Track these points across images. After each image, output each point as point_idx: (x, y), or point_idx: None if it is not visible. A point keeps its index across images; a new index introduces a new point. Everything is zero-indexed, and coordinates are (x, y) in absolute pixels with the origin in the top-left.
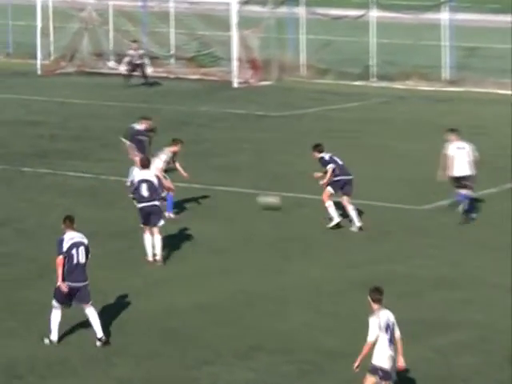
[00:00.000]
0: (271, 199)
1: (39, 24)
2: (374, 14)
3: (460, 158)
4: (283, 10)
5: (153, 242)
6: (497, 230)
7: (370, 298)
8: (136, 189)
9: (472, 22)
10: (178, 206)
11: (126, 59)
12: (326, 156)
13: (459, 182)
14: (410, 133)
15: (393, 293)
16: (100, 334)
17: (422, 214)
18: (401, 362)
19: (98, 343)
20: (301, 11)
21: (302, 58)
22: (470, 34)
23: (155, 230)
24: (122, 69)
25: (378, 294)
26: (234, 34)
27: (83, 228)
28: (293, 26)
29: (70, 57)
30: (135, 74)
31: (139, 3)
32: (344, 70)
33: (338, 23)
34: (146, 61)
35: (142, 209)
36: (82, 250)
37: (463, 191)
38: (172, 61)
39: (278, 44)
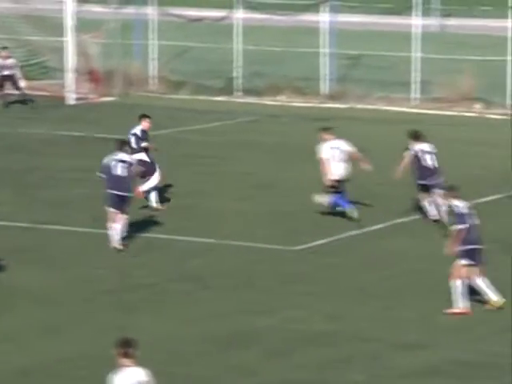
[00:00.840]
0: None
1: None
2: (239, 15)
3: (335, 158)
4: (129, 10)
5: None
6: (382, 273)
7: (116, 352)
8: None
9: (357, 25)
10: None
11: None
12: None
13: (338, 186)
14: (281, 158)
15: (258, 350)
16: None
17: (293, 256)
18: None
19: None
20: (151, 12)
21: (152, 68)
22: (354, 39)
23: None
24: None
25: (126, 347)
26: (70, 40)
27: None
28: (141, 29)
29: None
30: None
31: None
32: (203, 83)
33: (195, 26)
34: (18, 72)
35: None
36: None
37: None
38: None
39: (123, 52)
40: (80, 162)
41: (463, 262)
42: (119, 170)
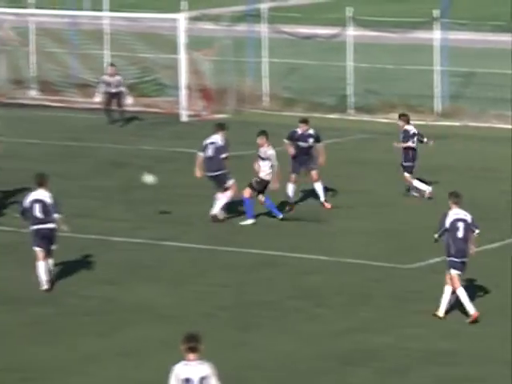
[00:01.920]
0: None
1: None
2: (352, 32)
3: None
4: (241, 28)
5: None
6: (504, 291)
7: (182, 347)
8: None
9: (467, 43)
10: (117, 265)
11: (102, 89)
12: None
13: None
14: (396, 176)
15: (375, 368)
16: None
17: (409, 274)
18: None
19: None
20: (263, 29)
21: (265, 85)
22: (465, 56)
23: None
24: (98, 100)
25: (189, 343)
26: (182, 57)
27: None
28: (253, 47)
29: None
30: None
31: (66, 19)
32: (316, 101)
33: (308, 44)
34: (124, 89)
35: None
36: None
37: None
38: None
39: (236, 69)
40: (193, 179)
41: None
42: (210, 151)
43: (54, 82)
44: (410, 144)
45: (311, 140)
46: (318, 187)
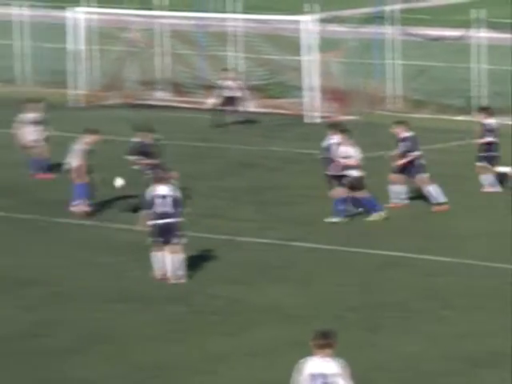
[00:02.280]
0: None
1: (73, 46)
2: (479, 34)
3: None
4: (369, 29)
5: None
6: None
7: (311, 343)
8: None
9: None
10: (244, 265)
11: (217, 91)
12: None
13: None
14: None
15: (504, 371)
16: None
17: None
18: None
19: None
20: (390, 31)
21: (392, 87)
22: None
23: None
24: (210, 102)
25: (321, 339)
26: (311, 59)
27: (131, 292)
28: (380, 49)
29: (112, 86)
30: (226, 108)
31: (195, 21)
32: (443, 102)
33: (436, 45)
34: (245, 93)
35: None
36: None
37: None
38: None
39: (364, 71)
40: (319, 181)
41: None
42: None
43: (182, 84)
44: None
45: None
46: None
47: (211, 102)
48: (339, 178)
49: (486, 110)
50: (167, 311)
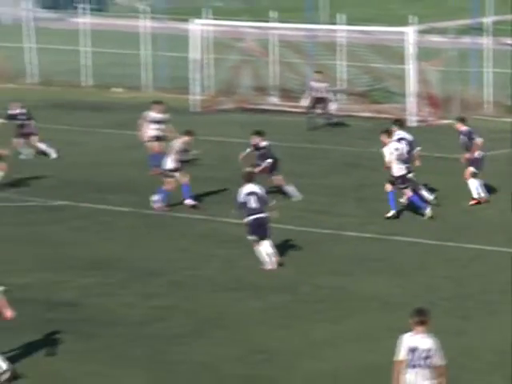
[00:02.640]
0: None
1: (194, 56)
2: None
3: None
4: (466, 40)
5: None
6: None
7: (410, 320)
8: (244, 202)
9: None
10: (347, 257)
11: (308, 93)
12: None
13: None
14: None
15: None
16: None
17: None
18: None
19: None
20: (485, 41)
21: (487, 93)
22: None
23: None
24: (303, 104)
25: (419, 316)
26: (411, 67)
27: (242, 282)
28: (477, 58)
29: (229, 92)
30: (316, 110)
31: (305, 32)
32: None
33: None
34: (331, 96)
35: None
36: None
37: None
38: (341, 97)
39: (460, 78)
40: (423, 178)
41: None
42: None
43: (292, 90)
44: None
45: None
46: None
47: (303, 104)
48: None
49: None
50: (275, 299)
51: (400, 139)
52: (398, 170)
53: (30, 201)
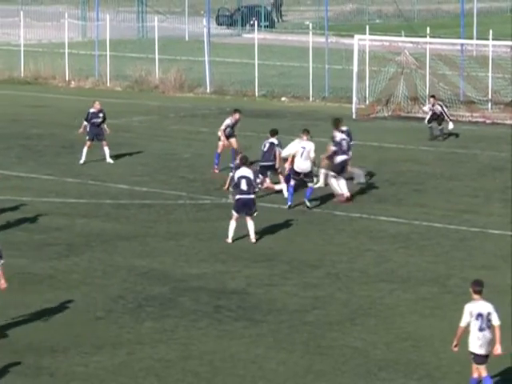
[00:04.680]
0: None
1: (355, 68)
2: None
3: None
4: None
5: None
6: None
7: (471, 289)
8: (236, 184)
9: None
10: (493, 253)
11: (427, 107)
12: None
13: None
14: None
15: None
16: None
17: None
18: (496, 348)
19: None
20: None
21: None
22: None
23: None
24: (426, 110)
25: (477, 286)
26: None
27: (394, 274)
28: None
29: (386, 101)
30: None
31: (457, 47)
32: None
33: None
34: (444, 111)
35: (239, 199)
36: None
37: None
38: (489, 106)
39: None
40: None
41: None
42: None
43: (444, 100)
44: None
45: None
46: None
47: (426, 110)
48: None
49: None
50: (424, 291)
51: None
52: None
53: (203, 199)
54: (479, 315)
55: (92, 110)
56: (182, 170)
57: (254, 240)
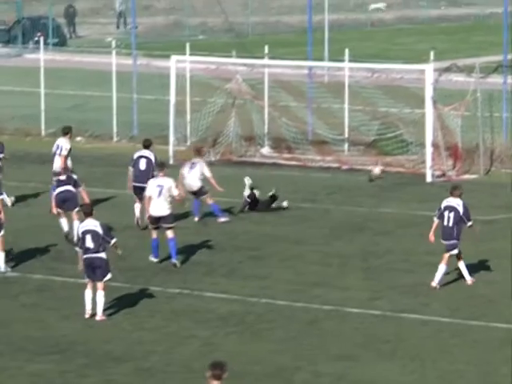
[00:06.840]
0: None
1: (173, 99)
2: None
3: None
4: (494, 79)
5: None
6: None
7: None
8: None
9: None
10: (351, 338)
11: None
12: None
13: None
14: None
15: None
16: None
17: None
18: None
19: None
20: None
21: None
22: None
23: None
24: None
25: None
26: (429, 112)
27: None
28: (508, 101)
29: (213, 142)
30: None
31: (304, 71)
32: None
33: None
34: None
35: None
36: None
37: None
38: (345, 147)
39: (487, 125)
40: (433, 246)
41: None
42: None
43: (288, 139)
44: None
45: None
46: None
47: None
48: None
49: None
50: None
51: None
52: None
53: None
54: None
55: None
56: None
57: (103, 317)
